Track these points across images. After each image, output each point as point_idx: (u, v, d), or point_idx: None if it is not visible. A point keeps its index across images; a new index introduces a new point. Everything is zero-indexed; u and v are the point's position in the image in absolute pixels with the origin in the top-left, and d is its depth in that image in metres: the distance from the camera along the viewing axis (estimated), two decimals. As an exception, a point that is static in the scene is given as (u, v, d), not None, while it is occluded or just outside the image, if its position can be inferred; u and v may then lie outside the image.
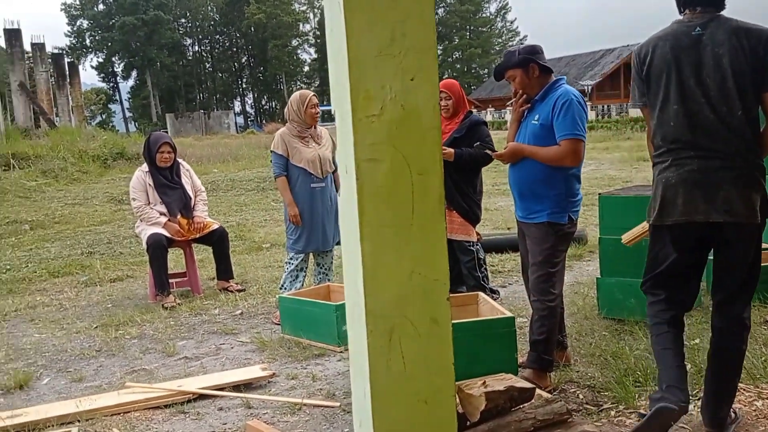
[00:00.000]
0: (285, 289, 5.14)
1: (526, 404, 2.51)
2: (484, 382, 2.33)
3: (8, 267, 7.56)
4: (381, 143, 1.68)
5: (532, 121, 3.41)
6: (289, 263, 5.20)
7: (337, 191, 5.34)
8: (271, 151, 5.14)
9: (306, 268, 5.25)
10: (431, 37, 1.68)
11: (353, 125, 1.66)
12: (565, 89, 3.36)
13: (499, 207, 10.26)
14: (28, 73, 28.28)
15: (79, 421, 3.35)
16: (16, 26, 27.95)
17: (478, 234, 4.95)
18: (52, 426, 3.31)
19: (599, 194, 4.63)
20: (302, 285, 5.19)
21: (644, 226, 3.06)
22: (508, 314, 2.99)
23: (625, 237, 3.55)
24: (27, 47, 29.77)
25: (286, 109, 5.22)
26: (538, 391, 2.72)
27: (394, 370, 1.77)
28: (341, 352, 4.24)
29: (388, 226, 1.72)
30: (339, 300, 4.67)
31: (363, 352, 1.77)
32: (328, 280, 5.32)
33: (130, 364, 4.26)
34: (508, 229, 8.21)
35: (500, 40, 74.23)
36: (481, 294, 3.47)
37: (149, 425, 3.32)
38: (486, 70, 69.08)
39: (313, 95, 5.17)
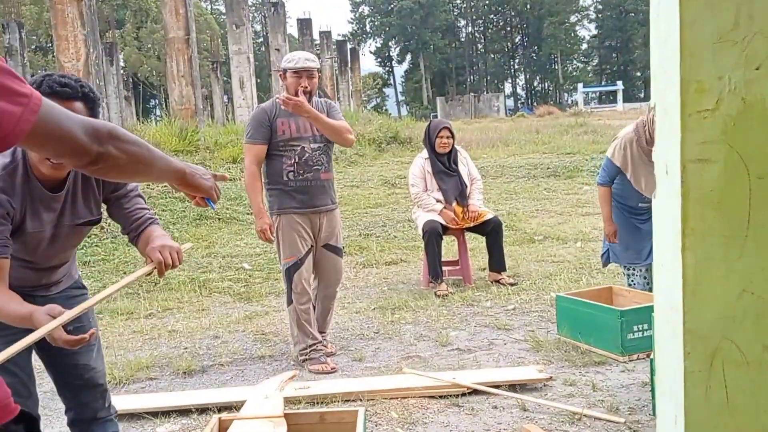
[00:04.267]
0: None
1: None
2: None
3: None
4: (714, 142, 1.54)
5: None
6: (632, 275, 5.06)
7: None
8: (607, 157, 4.81)
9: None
10: (784, 17, 1.49)
11: (681, 121, 1.54)
12: None
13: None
14: (314, 60, 31.46)
15: (360, 399, 3.64)
16: (307, 16, 31.22)
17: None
18: (337, 401, 3.64)
19: None
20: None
21: None
22: None
23: None
24: (315, 36, 33.14)
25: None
26: None
27: (714, 400, 1.62)
28: (625, 362, 4.05)
29: (717, 236, 1.58)
30: (623, 304, 4.48)
31: (676, 375, 1.66)
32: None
33: (406, 350, 4.52)
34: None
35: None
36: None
37: (425, 414, 3.49)
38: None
39: None
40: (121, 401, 3.63)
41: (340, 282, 4.67)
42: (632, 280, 5.06)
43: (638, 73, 71.71)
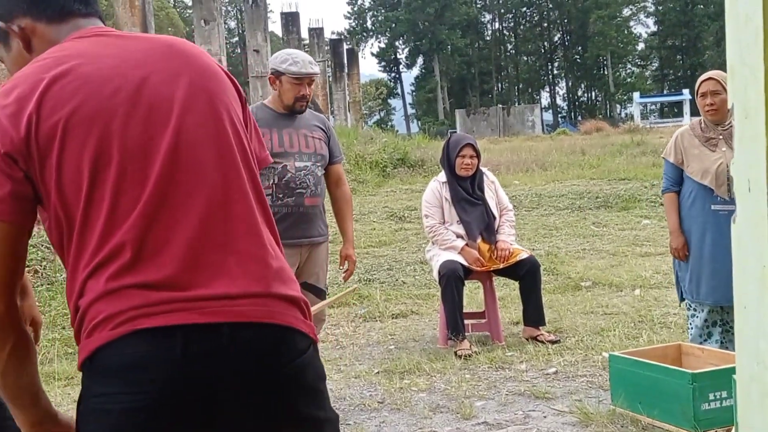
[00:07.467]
0: None
1: None
2: None
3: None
4: (810, 152, 1.53)
5: None
6: (694, 316, 5.10)
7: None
8: (663, 158, 5.30)
9: (719, 322, 5.03)
10: None
11: (767, 125, 1.54)
12: None
13: None
14: (303, 63, 31.87)
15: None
16: (293, 9, 31.66)
17: None
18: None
19: None
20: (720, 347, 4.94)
21: None
22: None
23: None
24: (304, 34, 33.58)
25: None
26: None
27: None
28: (698, 440, 4.02)
29: (817, 273, 1.56)
30: (695, 366, 4.45)
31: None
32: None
33: (418, 424, 4.50)
34: None
35: None
36: None
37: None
38: None
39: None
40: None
41: (321, 330, 4.72)
42: (690, 324, 5.12)
43: (708, 80, 72.17)
